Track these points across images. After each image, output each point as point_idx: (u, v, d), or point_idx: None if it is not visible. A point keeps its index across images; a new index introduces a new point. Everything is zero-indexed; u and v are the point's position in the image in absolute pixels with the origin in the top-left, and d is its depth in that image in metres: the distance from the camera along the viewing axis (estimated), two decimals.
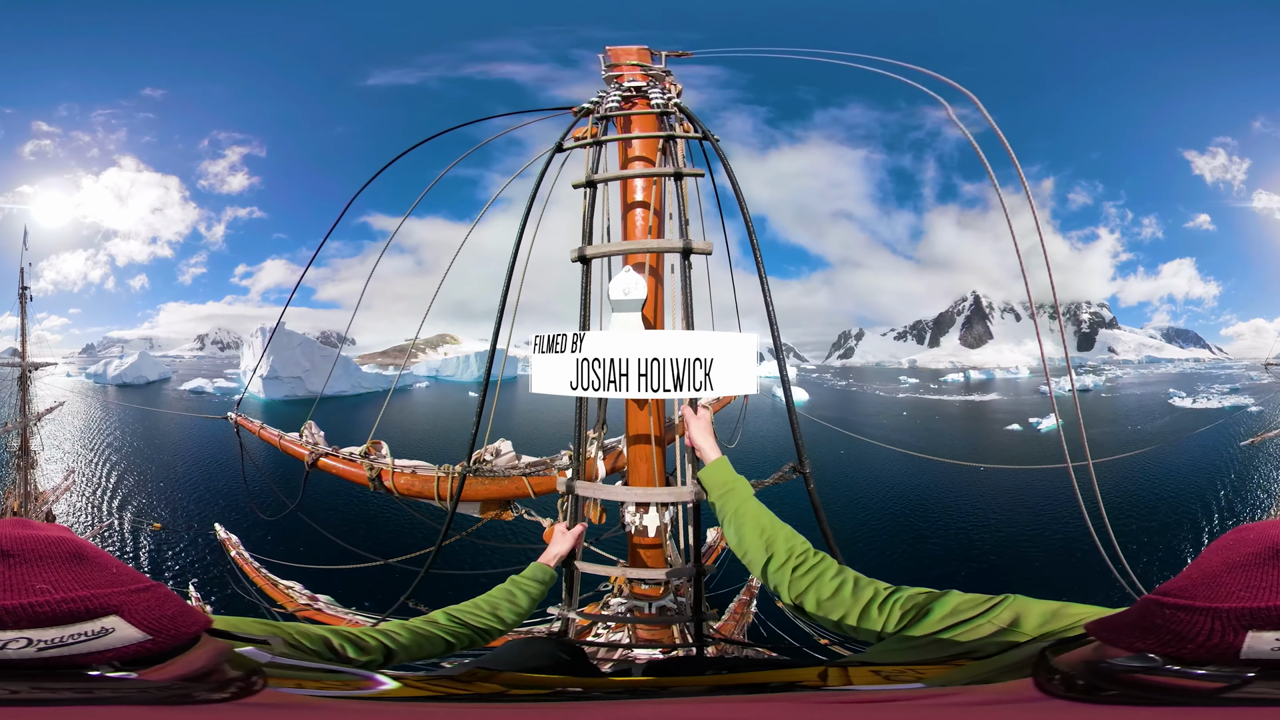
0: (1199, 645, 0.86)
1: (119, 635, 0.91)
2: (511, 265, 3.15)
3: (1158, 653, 0.90)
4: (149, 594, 0.96)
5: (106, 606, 0.90)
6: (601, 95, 3.73)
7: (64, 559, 0.91)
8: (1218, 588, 0.87)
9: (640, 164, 3.63)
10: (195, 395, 79.06)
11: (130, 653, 0.93)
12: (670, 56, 4.09)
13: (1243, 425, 44.72)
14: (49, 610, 0.85)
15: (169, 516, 24.23)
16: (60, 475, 28.63)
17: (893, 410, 69.15)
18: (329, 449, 5.50)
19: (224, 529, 8.94)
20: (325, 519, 6.10)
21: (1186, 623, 0.87)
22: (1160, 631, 0.90)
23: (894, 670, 1.34)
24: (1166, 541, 22.03)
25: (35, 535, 0.91)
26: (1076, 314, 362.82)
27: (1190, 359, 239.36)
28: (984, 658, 1.27)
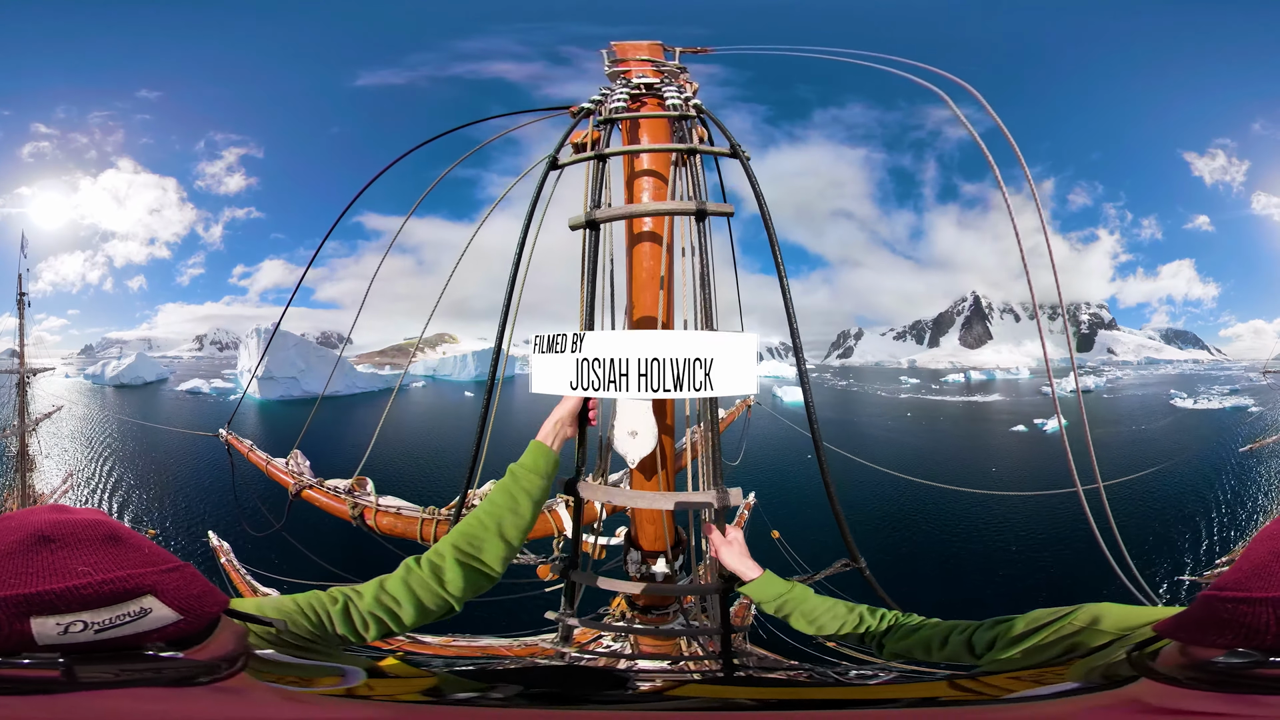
0: (1274, 636, 0.88)
1: (156, 615, 0.93)
2: (508, 298, 2.82)
3: (1244, 647, 0.90)
4: (178, 574, 0.99)
5: (142, 586, 0.92)
6: (605, 93, 3.15)
7: (100, 541, 0.93)
8: (1269, 577, 0.89)
9: (650, 181, 3.08)
10: (192, 395, 78.93)
11: (170, 633, 0.95)
12: (685, 53, 3.59)
13: (1243, 426, 44.81)
14: (93, 592, 0.87)
15: (165, 518, 24.13)
16: (59, 476, 28.58)
17: (896, 411, 68.90)
18: (313, 481, 5.44)
19: (216, 536, 8.97)
20: (313, 534, 6.05)
21: (1250, 615, 0.89)
22: (1233, 626, 0.91)
23: (1036, 674, 1.35)
24: (1170, 543, 22.01)
25: (73, 519, 0.95)
26: (1076, 315, 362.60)
27: (1189, 360, 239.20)
28: (1084, 655, 1.30)
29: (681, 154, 2.86)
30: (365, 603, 1.64)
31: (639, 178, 3.13)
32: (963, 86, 3.10)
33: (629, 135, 3.20)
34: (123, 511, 26.44)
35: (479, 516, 1.89)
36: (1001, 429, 52.42)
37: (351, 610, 1.60)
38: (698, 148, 2.79)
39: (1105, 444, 45.67)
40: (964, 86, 3.09)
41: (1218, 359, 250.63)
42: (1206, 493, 28.00)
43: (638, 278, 3.12)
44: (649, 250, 3.08)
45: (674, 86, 3.17)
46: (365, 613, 1.62)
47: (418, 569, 1.76)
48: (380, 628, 1.64)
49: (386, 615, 1.65)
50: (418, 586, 1.72)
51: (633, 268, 3.14)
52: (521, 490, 1.94)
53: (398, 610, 1.67)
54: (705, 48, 3.69)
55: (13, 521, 0.95)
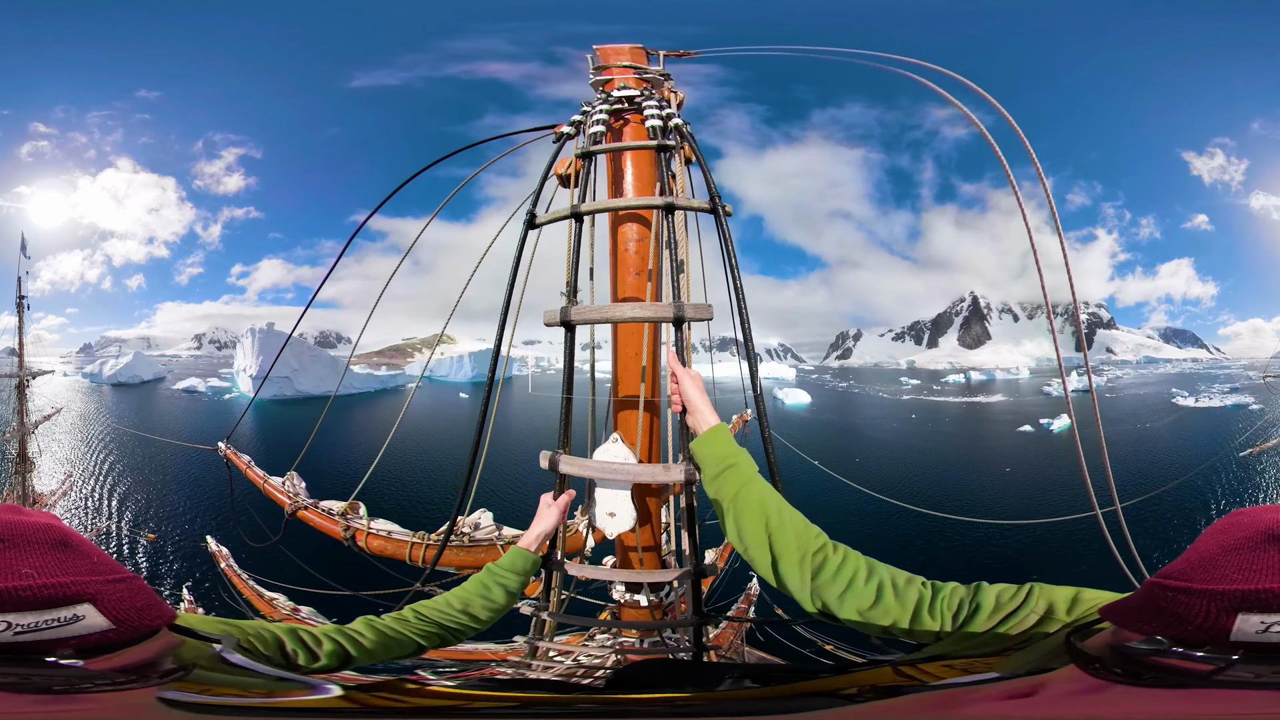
0: (1196, 627, 0.88)
1: (87, 623, 0.92)
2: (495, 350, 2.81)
3: (1164, 635, 0.92)
4: (124, 585, 0.98)
5: (83, 594, 0.92)
6: (587, 109, 3.08)
7: (50, 545, 0.93)
8: (1213, 570, 0.89)
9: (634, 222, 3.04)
10: (187, 394, 78.72)
11: (92, 641, 0.94)
12: (669, 56, 3.46)
13: (1246, 424, 44.88)
14: (30, 595, 0.87)
15: (163, 520, 24.08)
16: (58, 476, 28.57)
17: (900, 413, 68.37)
18: (309, 502, 5.59)
19: (215, 541, 8.94)
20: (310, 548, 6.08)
21: (1185, 604, 0.89)
22: (1165, 614, 0.92)
23: (966, 663, 1.35)
24: (1168, 544, 22.04)
25: (25, 521, 0.94)
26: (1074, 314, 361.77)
27: (1188, 359, 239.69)
28: (1021, 646, 1.31)
29: (661, 164, 2.82)
30: (321, 629, 1.64)
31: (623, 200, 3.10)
32: (965, 84, 3.02)
33: (611, 161, 3.15)
34: (121, 513, 26.39)
35: (446, 599, 1.95)
36: (1008, 429, 52.25)
37: (301, 632, 1.57)
38: (676, 202, 2.67)
39: (1112, 441, 45.25)
40: (967, 84, 3.00)
41: (1216, 357, 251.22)
42: (1205, 491, 28.09)
43: (623, 280, 3.10)
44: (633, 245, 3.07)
45: (655, 100, 3.04)
46: (320, 634, 1.60)
47: (379, 620, 1.79)
48: (335, 648, 1.59)
49: (344, 639, 1.63)
50: (382, 626, 1.76)
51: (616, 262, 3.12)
52: (496, 584, 2.02)
53: (359, 639, 1.67)
54: (688, 51, 3.58)
55: None
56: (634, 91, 3.12)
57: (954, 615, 1.46)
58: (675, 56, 3.51)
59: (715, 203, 2.68)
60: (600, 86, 3.28)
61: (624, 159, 3.12)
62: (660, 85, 3.30)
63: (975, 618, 1.43)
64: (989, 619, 1.41)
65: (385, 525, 5.10)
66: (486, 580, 2.02)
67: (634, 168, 3.12)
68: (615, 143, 3.11)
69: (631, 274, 3.04)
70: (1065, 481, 32.38)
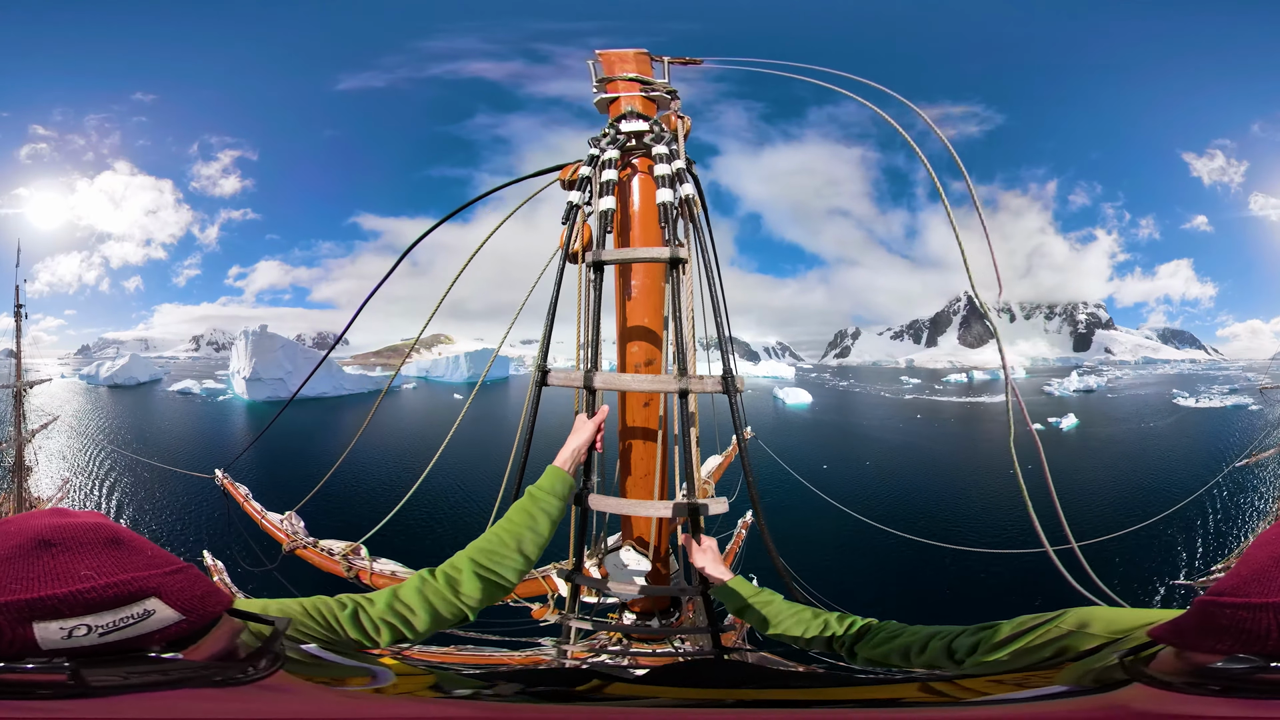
0: (1275, 641, 0.86)
1: (159, 617, 0.93)
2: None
3: (1247, 653, 0.89)
4: (182, 575, 0.99)
5: (146, 589, 0.92)
6: (595, 149, 2.99)
7: (102, 544, 0.93)
8: (1269, 582, 0.87)
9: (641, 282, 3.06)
10: (182, 396, 78.30)
11: (171, 634, 0.95)
12: (674, 63, 3.34)
13: (1243, 423, 44.85)
14: (96, 595, 0.87)
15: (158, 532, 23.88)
16: (55, 480, 28.45)
17: (904, 413, 67.84)
18: (308, 541, 5.56)
19: (211, 555, 8.96)
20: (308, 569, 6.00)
21: (1250, 620, 0.87)
22: (1232, 631, 0.90)
23: (1021, 678, 1.32)
24: (1166, 547, 21.95)
25: (74, 523, 0.94)
26: (1073, 314, 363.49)
27: (1187, 360, 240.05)
28: (1074, 660, 1.28)
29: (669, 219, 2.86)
30: (377, 609, 1.65)
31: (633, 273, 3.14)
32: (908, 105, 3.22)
33: (622, 198, 3.11)
34: (120, 514, 26.27)
35: (498, 533, 1.97)
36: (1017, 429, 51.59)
37: (362, 616, 1.61)
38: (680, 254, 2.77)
39: (1119, 440, 46.17)
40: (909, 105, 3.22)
41: (1215, 358, 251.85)
42: (1203, 496, 28.03)
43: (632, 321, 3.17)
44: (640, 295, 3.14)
45: (664, 142, 2.97)
46: (377, 619, 1.63)
47: (432, 580, 1.80)
48: (393, 634, 1.66)
49: (399, 621, 1.67)
50: (433, 596, 1.76)
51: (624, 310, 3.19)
52: (540, 510, 2.04)
53: (411, 617, 1.70)
54: (694, 59, 3.46)
55: (12, 526, 0.94)
56: (643, 125, 3.03)
57: (976, 644, 1.51)
58: (680, 64, 3.41)
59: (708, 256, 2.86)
60: (605, 106, 3.21)
61: (634, 222, 3.13)
62: (669, 105, 3.22)
63: (995, 633, 1.46)
64: (1010, 630, 1.43)
65: (389, 565, 5.08)
66: (530, 508, 2.04)
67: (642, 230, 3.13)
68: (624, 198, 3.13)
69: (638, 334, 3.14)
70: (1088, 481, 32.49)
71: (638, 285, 3.09)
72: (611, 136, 3.01)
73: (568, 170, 3.14)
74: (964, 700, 1.32)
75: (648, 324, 3.11)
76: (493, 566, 1.88)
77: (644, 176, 3.08)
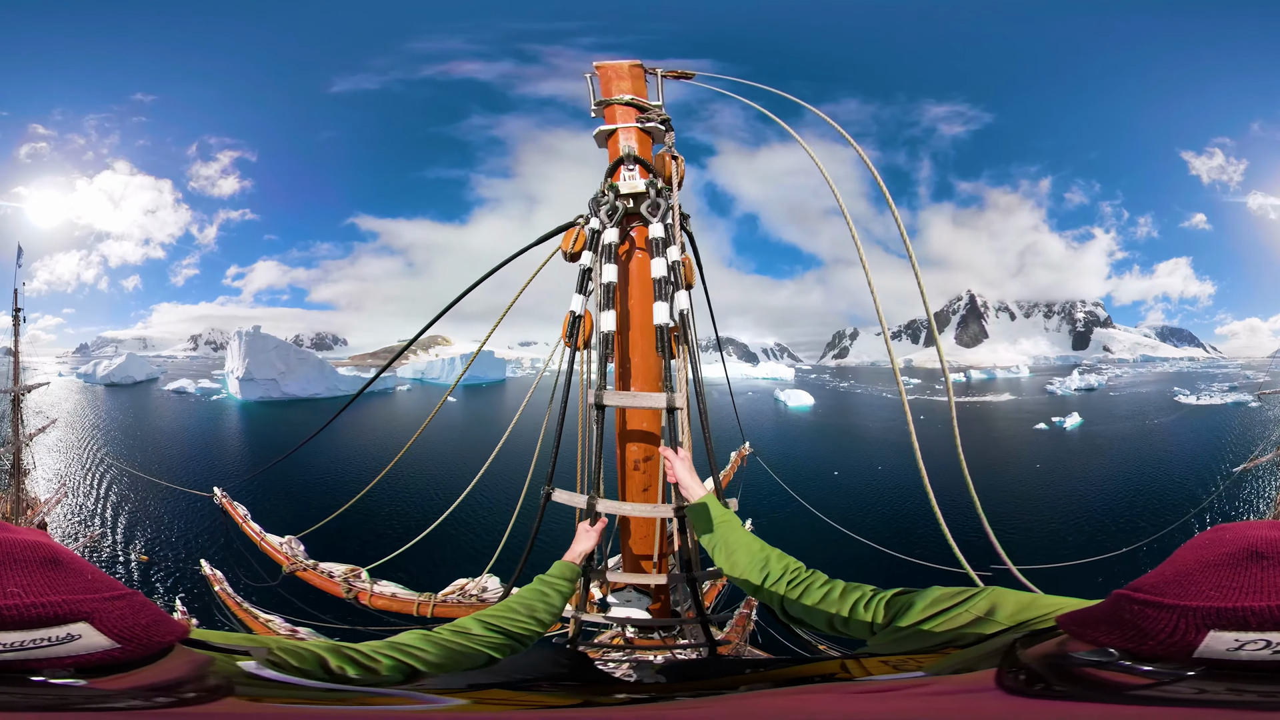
0: (1158, 642, 0.87)
1: (85, 642, 0.91)
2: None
3: (1118, 647, 0.91)
4: (123, 602, 0.96)
5: (77, 613, 0.90)
6: (596, 220, 3.28)
7: (39, 563, 0.91)
8: (1189, 586, 0.87)
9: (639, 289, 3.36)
10: (177, 395, 78.13)
11: (94, 660, 0.92)
12: (668, 76, 3.52)
13: (1243, 420, 44.85)
14: (15, 614, 0.85)
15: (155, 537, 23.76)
16: (51, 481, 28.38)
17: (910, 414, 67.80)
18: (308, 564, 5.66)
19: (209, 564, 8.89)
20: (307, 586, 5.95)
21: (1152, 619, 0.88)
22: (1126, 626, 0.91)
23: (899, 660, 1.38)
24: (1163, 547, 21.90)
25: (12, 539, 0.92)
26: (1071, 313, 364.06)
27: (1185, 358, 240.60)
28: (966, 646, 1.30)
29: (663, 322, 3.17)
30: (371, 646, 1.52)
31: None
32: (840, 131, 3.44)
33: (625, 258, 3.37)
34: (117, 517, 26.15)
35: (507, 603, 2.02)
36: (1025, 427, 52.12)
37: (348, 651, 1.45)
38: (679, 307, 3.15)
39: (1125, 437, 46.13)
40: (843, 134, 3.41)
41: (1213, 356, 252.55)
42: (1201, 496, 28.03)
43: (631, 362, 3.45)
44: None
45: (660, 213, 3.24)
46: (371, 652, 1.48)
47: (437, 633, 1.72)
48: (395, 664, 1.49)
49: (401, 655, 1.52)
50: (444, 640, 1.68)
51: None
52: (553, 589, 2.21)
53: (418, 653, 1.56)
54: (687, 72, 3.61)
55: None
56: (640, 185, 3.26)
57: (889, 610, 1.55)
58: (673, 77, 3.56)
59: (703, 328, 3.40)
60: (604, 141, 3.41)
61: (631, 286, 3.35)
62: (662, 138, 3.45)
63: (908, 612, 1.48)
64: (921, 613, 1.44)
65: (389, 587, 5.16)
66: (542, 588, 2.21)
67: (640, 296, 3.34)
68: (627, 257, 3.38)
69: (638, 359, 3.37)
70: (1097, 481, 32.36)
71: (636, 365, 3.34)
72: (610, 205, 3.25)
73: (570, 236, 3.33)
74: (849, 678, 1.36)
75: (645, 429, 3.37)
76: (504, 625, 1.87)
77: (640, 257, 3.33)
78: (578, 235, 3.28)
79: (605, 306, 3.12)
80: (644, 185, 3.24)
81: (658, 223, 3.19)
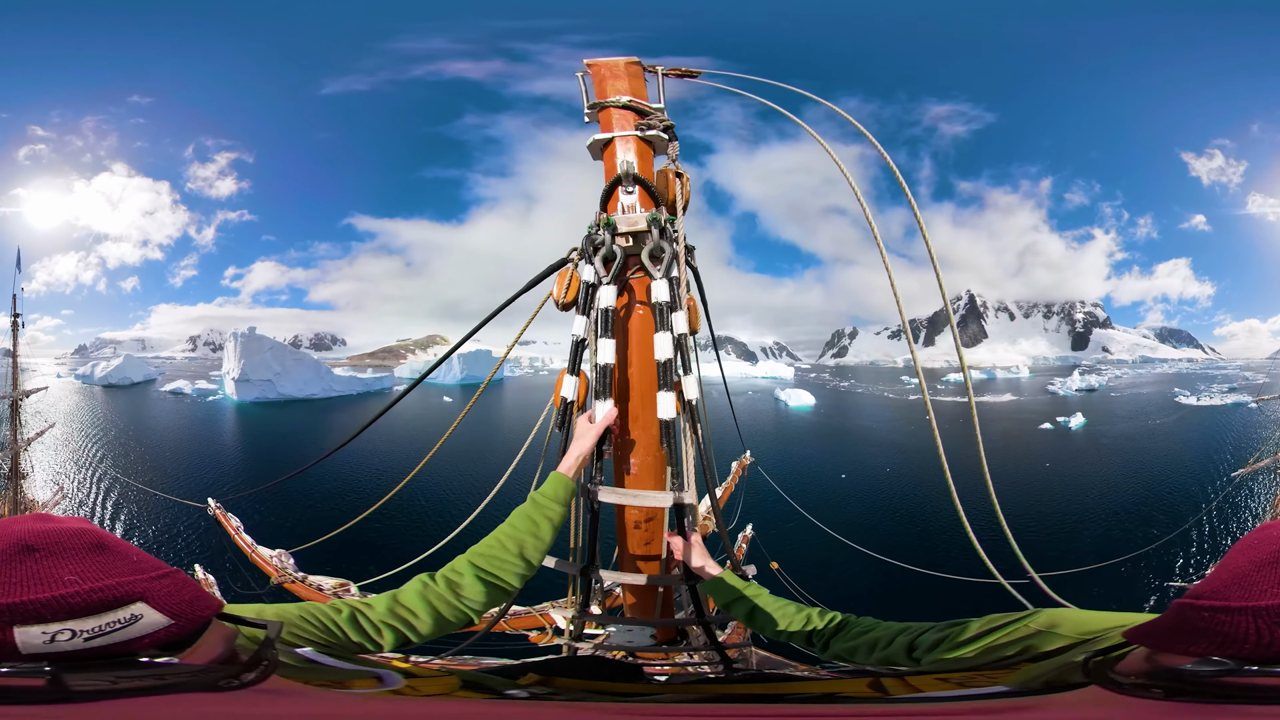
0: (1254, 645, 0.85)
1: (147, 621, 0.93)
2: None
3: (1221, 655, 0.89)
4: (169, 580, 0.98)
5: (132, 594, 0.92)
6: (589, 246, 2.74)
7: (86, 549, 0.92)
8: (1249, 586, 0.87)
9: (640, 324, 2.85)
10: (174, 396, 78.37)
11: (160, 638, 0.95)
12: (671, 74, 3.06)
13: (1243, 420, 44.85)
14: (80, 601, 0.87)
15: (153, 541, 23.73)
16: (49, 483, 28.37)
17: (912, 415, 66.13)
18: (297, 576, 5.71)
19: (203, 569, 9.08)
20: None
21: (1228, 624, 0.87)
22: (1209, 635, 0.90)
23: (964, 677, 1.34)
24: (1161, 550, 21.88)
25: (57, 528, 0.93)
26: (1070, 313, 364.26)
27: (1184, 359, 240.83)
28: (1036, 660, 1.27)
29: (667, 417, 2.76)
30: (377, 613, 1.64)
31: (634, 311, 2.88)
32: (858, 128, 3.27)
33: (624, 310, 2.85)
34: (114, 522, 26.12)
35: (499, 538, 1.96)
36: (1029, 427, 52.14)
37: (360, 619, 1.59)
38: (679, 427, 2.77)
39: (1130, 436, 46.24)
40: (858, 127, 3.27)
41: (1212, 357, 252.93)
42: (1191, 497, 27.99)
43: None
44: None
45: (666, 241, 2.71)
46: (378, 621, 1.62)
47: (434, 584, 1.79)
48: (396, 636, 1.64)
49: (401, 624, 1.66)
50: (434, 599, 1.75)
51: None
52: (543, 516, 2.04)
53: (413, 620, 1.69)
54: (692, 71, 3.19)
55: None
56: (640, 222, 2.72)
57: (942, 640, 1.50)
58: (676, 75, 3.12)
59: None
60: (599, 152, 2.92)
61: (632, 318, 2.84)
62: (664, 147, 2.92)
63: (963, 627, 1.47)
64: (979, 628, 1.43)
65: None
66: (533, 514, 2.04)
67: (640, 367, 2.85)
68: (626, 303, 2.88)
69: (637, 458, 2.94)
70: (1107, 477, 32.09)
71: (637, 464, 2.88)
72: (608, 250, 2.70)
73: (563, 279, 2.84)
74: (897, 697, 1.32)
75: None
76: (494, 570, 1.87)
77: (641, 315, 2.81)
78: (570, 280, 2.81)
79: (602, 393, 2.61)
80: (645, 221, 2.72)
81: (661, 279, 2.66)
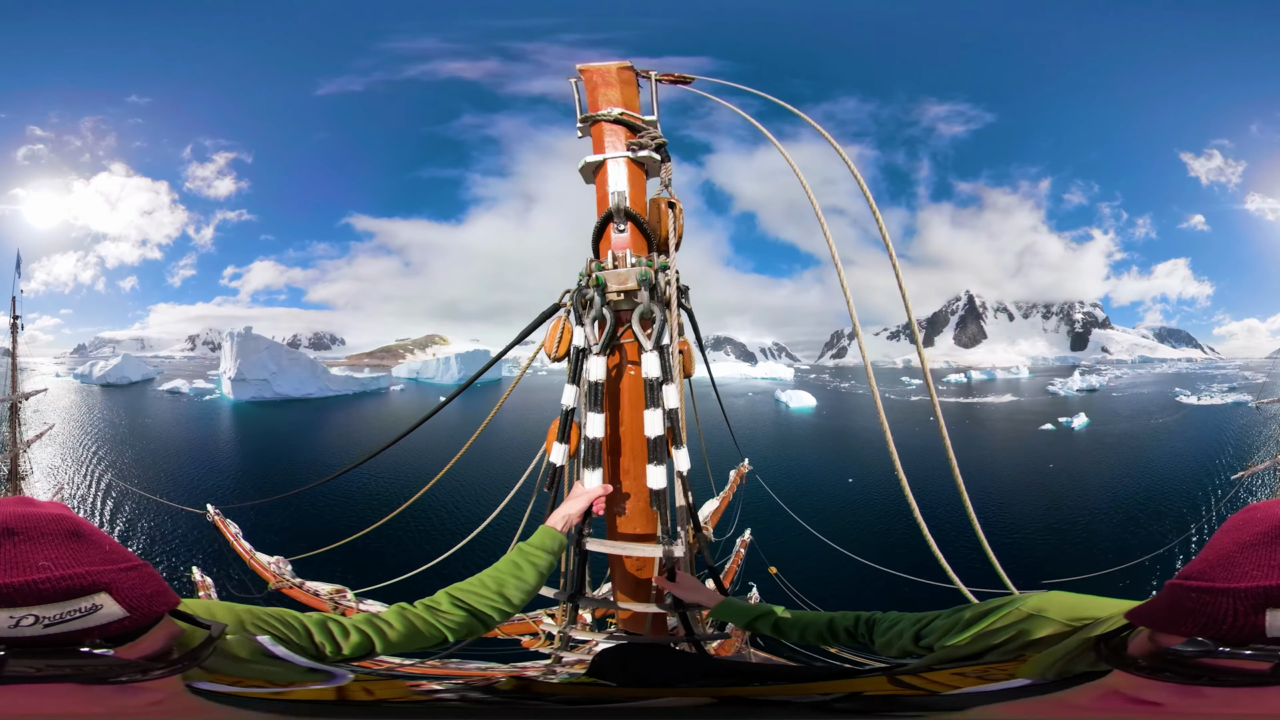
0: (1230, 626, 0.87)
1: (104, 612, 0.93)
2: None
3: (1203, 636, 0.90)
4: (136, 573, 0.99)
5: (99, 584, 0.92)
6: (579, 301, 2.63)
7: (63, 536, 0.93)
8: (1233, 568, 0.89)
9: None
10: (171, 395, 78.48)
11: (112, 630, 0.95)
12: (664, 80, 2.95)
13: (1243, 420, 44.95)
14: (50, 587, 0.88)
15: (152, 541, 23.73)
16: (47, 483, 28.40)
17: (915, 416, 65.80)
18: (294, 581, 5.84)
19: (200, 570, 9.16)
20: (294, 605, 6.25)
21: (1212, 604, 0.89)
22: (1196, 615, 0.91)
23: (981, 670, 1.35)
24: (1162, 544, 21.93)
25: (37, 513, 0.94)
26: (1070, 314, 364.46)
27: (1183, 359, 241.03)
28: (1034, 646, 1.29)
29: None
30: (350, 621, 1.66)
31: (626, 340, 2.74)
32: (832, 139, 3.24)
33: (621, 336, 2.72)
34: (115, 518, 26.15)
35: (480, 577, 1.99)
36: (1031, 428, 52.11)
37: (331, 624, 1.60)
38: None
39: (1133, 435, 46.24)
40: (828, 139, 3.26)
41: (1211, 357, 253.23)
42: (1198, 495, 28.01)
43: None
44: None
45: (657, 305, 2.57)
46: (349, 626, 1.63)
47: (411, 607, 1.84)
48: (362, 640, 1.64)
49: (372, 630, 1.67)
50: (410, 615, 1.80)
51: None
52: (528, 562, 2.07)
53: (386, 629, 1.70)
54: (685, 76, 3.06)
55: None
56: (632, 280, 2.57)
57: (946, 630, 1.53)
58: (669, 81, 3.01)
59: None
60: (591, 175, 2.82)
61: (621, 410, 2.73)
62: (657, 169, 2.80)
63: (958, 615, 1.51)
64: (970, 614, 1.46)
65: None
66: (519, 560, 2.07)
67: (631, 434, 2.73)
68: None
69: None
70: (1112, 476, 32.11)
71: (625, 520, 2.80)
72: (597, 312, 2.58)
73: (554, 335, 2.74)
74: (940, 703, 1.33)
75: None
76: (471, 602, 1.89)
77: (632, 376, 2.69)
78: (562, 334, 2.70)
79: (591, 463, 2.52)
80: (636, 280, 2.54)
81: (652, 350, 2.50)
